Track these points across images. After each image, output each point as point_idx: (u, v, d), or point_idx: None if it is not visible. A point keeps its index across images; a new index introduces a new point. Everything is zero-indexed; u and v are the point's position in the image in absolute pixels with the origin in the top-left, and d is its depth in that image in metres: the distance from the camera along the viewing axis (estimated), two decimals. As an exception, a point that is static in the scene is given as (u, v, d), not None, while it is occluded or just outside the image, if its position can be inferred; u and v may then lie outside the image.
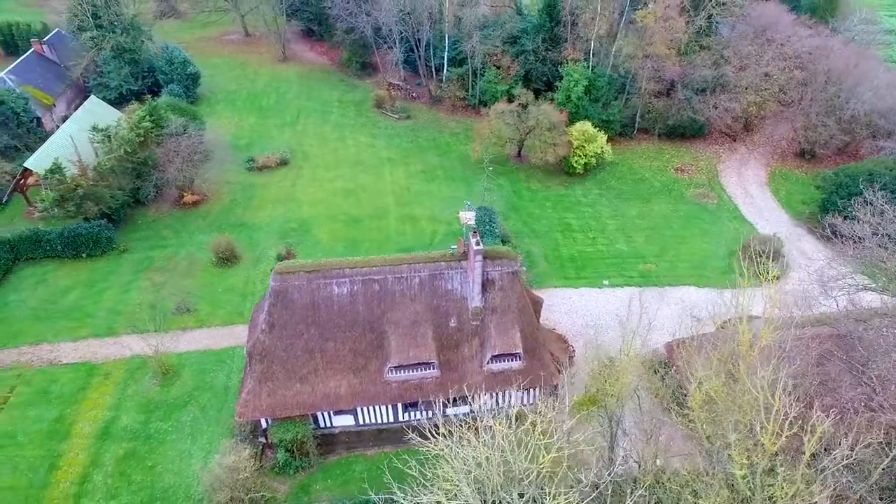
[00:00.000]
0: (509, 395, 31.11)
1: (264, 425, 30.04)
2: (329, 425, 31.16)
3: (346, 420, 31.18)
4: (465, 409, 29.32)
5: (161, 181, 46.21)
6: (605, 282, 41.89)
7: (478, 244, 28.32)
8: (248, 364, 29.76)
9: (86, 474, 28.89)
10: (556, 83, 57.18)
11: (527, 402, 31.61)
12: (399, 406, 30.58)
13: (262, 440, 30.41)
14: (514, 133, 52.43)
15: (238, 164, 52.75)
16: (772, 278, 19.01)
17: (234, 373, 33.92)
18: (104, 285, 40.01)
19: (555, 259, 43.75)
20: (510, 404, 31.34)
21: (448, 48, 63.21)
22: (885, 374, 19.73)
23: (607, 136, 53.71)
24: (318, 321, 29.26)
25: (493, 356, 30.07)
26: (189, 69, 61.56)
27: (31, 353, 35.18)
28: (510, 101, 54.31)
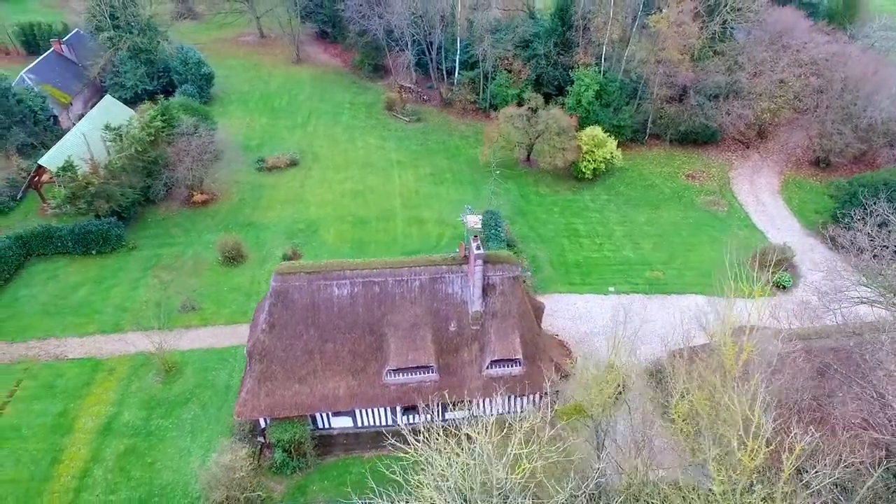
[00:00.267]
0: (508, 400, 30.95)
1: (263, 425, 30.20)
2: (327, 426, 31.23)
3: (344, 422, 31.23)
4: (465, 413, 29.21)
5: (171, 180, 46.76)
6: (611, 288, 41.50)
7: (478, 248, 28.23)
8: (247, 363, 29.93)
9: (86, 469, 29.23)
10: (568, 88, 56.91)
11: (527, 407, 31.39)
12: (398, 409, 30.56)
13: (261, 440, 30.55)
14: (523, 137, 52.26)
15: (248, 164, 53.20)
16: (757, 292, 18.65)
17: (235, 371, 34.12)
18: (112, 282, 40.54)
19: (560, 264, 43.45)
20: (509, 410, 31.23)
21: (460, 51, 63.21)
22: (876, 390, 19.20)
23: (618, 142, 53.25)
24: (318, 322, 29.35)
25: (493, 361, 29.89)
26: (203, 70, 62.29)
27: (39, 348, 35.74)
28: (520, 105, 54.14)
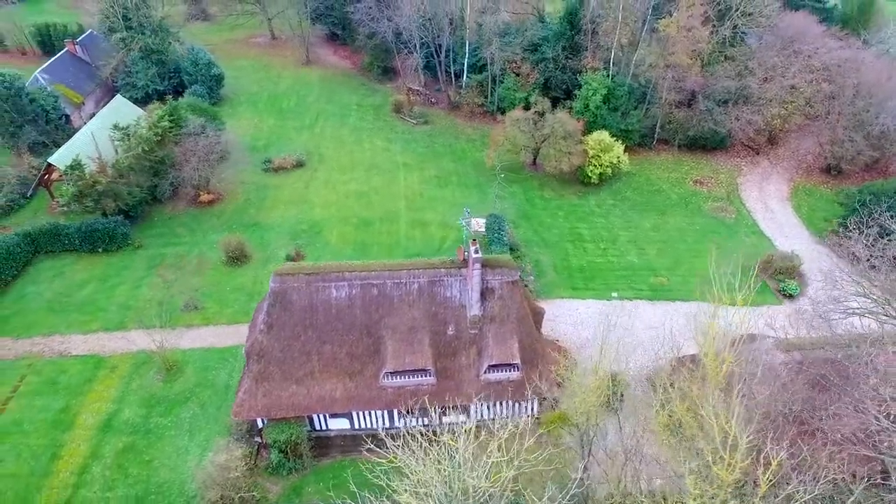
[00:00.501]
0: (505, 405, 30.79)
1: (260, 425, 30.29)
2: (324, 428, 31.26)
3: (341, 423, 31.24)
4: (462, 417, 29.11)
5: (178, 180, 47.11)
6: (614, 294, 41.17)
7: (476, 252, 28.13)
8: (246, 363, 30.05)
9: (85, 465, 29.47)
10: (576, 92, 56.64)
11: (524, 413, 31.24)
12: (395, 412, 30.50)
13: (258, 440, 30.64)
14: (529, 141, 52.07)
15: (255, 164, 53.48)
16: (740, 301, 18.34)
17: (235, 371, 34.23)
18: (117, 280, 40.92)
19: (563, 269, 43.20)
20: (507, 415, 31.05)
21: (468, 54, 63.21)
22: (861, 404, 18.76)
23: (625, 147, 52.88)
24: (316, 324, 29.41)
25: (491, 366, 29.76)
26: (213, 70, 62.77)
27: (43, 344, 36.13)
28: (527, 108, 53.99)
